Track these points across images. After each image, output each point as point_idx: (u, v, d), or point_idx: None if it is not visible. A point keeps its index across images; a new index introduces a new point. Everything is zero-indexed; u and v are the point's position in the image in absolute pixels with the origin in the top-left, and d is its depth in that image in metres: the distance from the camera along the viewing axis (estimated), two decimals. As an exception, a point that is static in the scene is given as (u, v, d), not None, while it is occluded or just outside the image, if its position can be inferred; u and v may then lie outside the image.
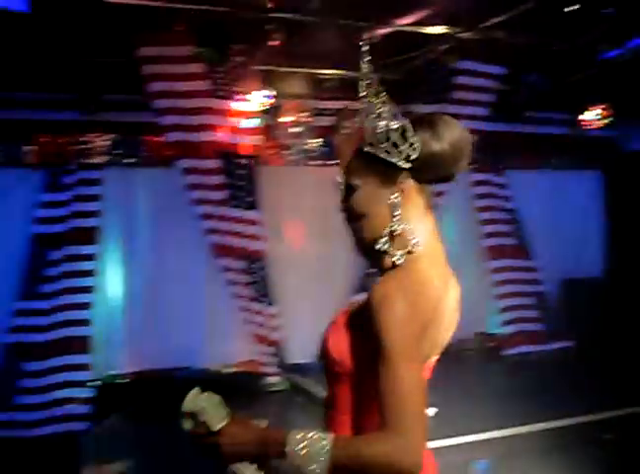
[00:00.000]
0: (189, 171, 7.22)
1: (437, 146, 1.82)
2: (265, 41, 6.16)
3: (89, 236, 7.28)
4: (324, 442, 1.67)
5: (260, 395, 7.46)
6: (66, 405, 6.79)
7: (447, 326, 1.94)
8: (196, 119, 7.08)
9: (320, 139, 8.07)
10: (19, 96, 6.97)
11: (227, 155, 7.31)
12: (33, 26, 5.76)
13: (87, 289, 7.23)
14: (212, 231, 7.38)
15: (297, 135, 7.58)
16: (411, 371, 1.66)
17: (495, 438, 5.70)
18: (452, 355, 8.90)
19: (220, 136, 7.23)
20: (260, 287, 7.48)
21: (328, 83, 7.55)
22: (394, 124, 1.84)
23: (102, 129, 7.38)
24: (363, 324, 1.77)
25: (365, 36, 5.84)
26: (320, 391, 7.05)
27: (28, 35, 6.08)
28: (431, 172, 1.86)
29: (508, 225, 9.03)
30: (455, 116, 1.97)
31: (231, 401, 6.26)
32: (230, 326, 7.69)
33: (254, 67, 7.02)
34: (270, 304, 7.52)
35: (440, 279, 1.87)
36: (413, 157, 1.82)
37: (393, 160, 1.82)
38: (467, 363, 8.60)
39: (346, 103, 7.62)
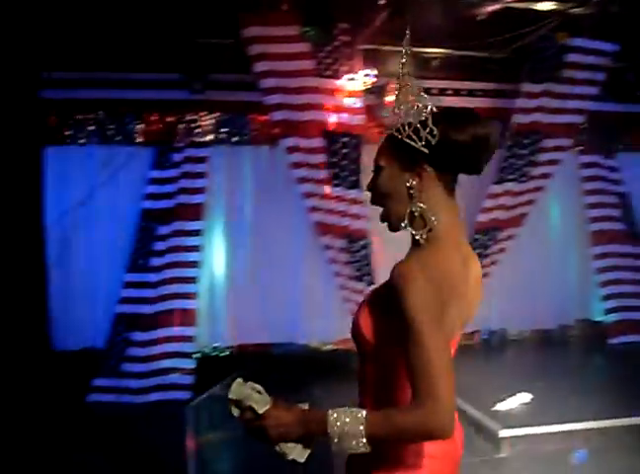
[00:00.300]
0: (293, 149, 7.29)
1: (456, 136, 1.90)
2: (370, 20, 6.13)
3: (195, 212, 7.48)
4: (360, 419, 1.78)
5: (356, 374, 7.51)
6: (170, 374, 7.03)
7: (470, 302, 2.02)
8: (300, 99, 7.14)
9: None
10: (130, 76, 7.24)
11: (331, 134, 7.34)
12: (142, 8, 5.93)
13: (193, 264, 7.44)
14: (315, 209, 7.44)
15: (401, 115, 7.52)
16: (437, 343, 1.76)
17: (594, 429, 5.56)
18: (554, 342, 8.77)
19: (325, 115, 7.26)
20: (360, 266, 7.50)
21: (434, 62, 7.47)
22: (420, 113, 1.93)
23: (209, 108, 7.55)
24: (388, 302, 1.87)
25: (474, 13, 5.74)
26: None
27: (137, 16, 6.26)
28: (450, 161, 1.94)
29: (617, 209, 8.73)
30: (564, 95, 1.95)
31: (328, 378, 6.37)
32: (330, 304, 7.76)
33: (359, 46, 7.01)
34: (370, 284, 7.53)
35: (459, 258, 1.96)
36: (432, 143, 1.90)
37: (413, 144, 1.92)
38: (569, 351, 8.41)
39: (449, 82, 7.53)
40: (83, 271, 7.40)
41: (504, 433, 5.44)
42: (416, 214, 1.96)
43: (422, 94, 1.95)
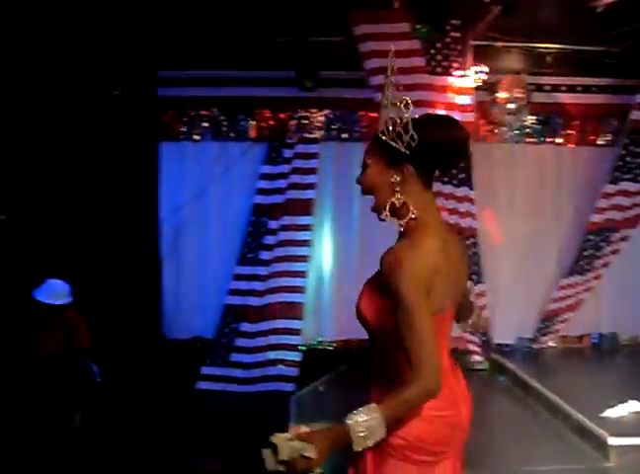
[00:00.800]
0: (402, 146, 7.26)
1: (433, 140, 2.20)
2: (481, 16, 6.05)
3: (305, 207, 7.58)
4: (374, 411, 2.05)
5: (463, 373, 7.43)
6: (276, 366, 7.16)
7: (456, 279, 2.33)
8: (410, 96, 7.01)
9: (536, 116, 7.82)
10: (242, 74, 7.42)
11: (441, 131, 7.27)
12: (254, 7, 6.06)
13: (302, 258, 7.55)
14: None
15: (513, 112, 7.38)
16: (422, 319, 2.08)
17: None
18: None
19: (435, 112, 7.19)
20: (469, 265, 7.40)
21: (548, 57, 7.29)
22: (402, 118, 2.22)
23: (319, 105, 7.64)
24: (381, 286, 2.20)
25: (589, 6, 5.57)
26: (524, 374, 6.94)
27: (249, 15, 6.41)
28: (428, 161, 2.25)
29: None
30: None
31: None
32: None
33: (470, 42, 6.92)
34: (478, 282, 7.45)
35: (439, 242, 2.23)
36: (412, 145, 2.19)
37: (396, 146, 2.22)
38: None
39: (564, 78, 7.33)
40: (194, 263, 7.66)
41: (613, 441, 5.27)
42: (397, 205, 2.27)
43: (404, 100, 2.27)
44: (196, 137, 7.62)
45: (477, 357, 7.52)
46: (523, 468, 4.98)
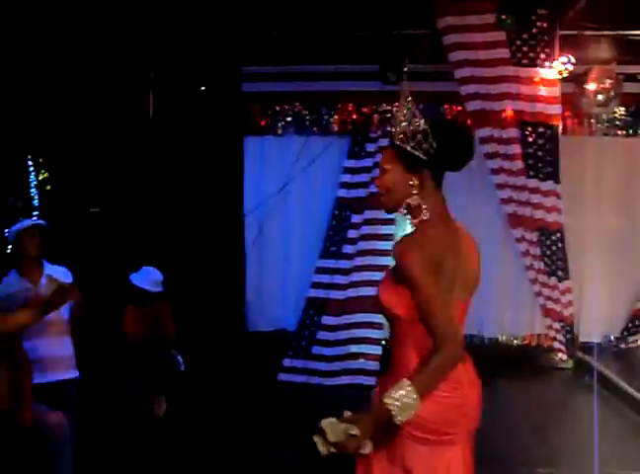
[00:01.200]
0: (487, 140, 7.18)
1: (450, 147, 2.42)
2: (569, 4, 5.89)
3: (388, 202, 7.55)
4: (407, 386, 2.20)
5: (546, 371, 7.30)
6: (358, 359, 7.17)
7: (468, 269, 2.50)
8: (496, 88, 7.01)
9: (627, 107, 7.57)
10: (325, 69, 7.46)
11: (526, 124, 7.14)
12: (337, 1, 6.08)
13: (384, 252, 7.51)
14: (508, 201, 7.29)
15: (602, 103, 7.16)
16: (437, 297, 2.28)
17: None
18: None
19: (520, 105, 7.07)
20: (554, 261, 7.26)
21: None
22: (421, 127, 2.42)
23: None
24: (397, 275, 2.38)
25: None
26: (610, 374, 6.75)
27: (332, 10, 6.44)
28: (443, 165, 2.48)
29: None
30: None
31: (515, 373, 6.21)
32: (521, 298, 7.59)
33: (557, 32, 6.76)
34: (563, 279, 7.29)
35: (448, 233, 2.46)
36: (431, 153, 2.41)
37: (416, 153, 2.42)
38: None
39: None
40: (277, 256, 7.75)
41: None
42: (412, 205, 2.49)
43: (419, 113, 2.46)
44: (279, 132, 7.72)
45: (561, 356, 7.36)
46: (612, 471, 4.84)
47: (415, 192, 2.47)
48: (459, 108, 7.53)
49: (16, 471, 4.07)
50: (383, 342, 7.37)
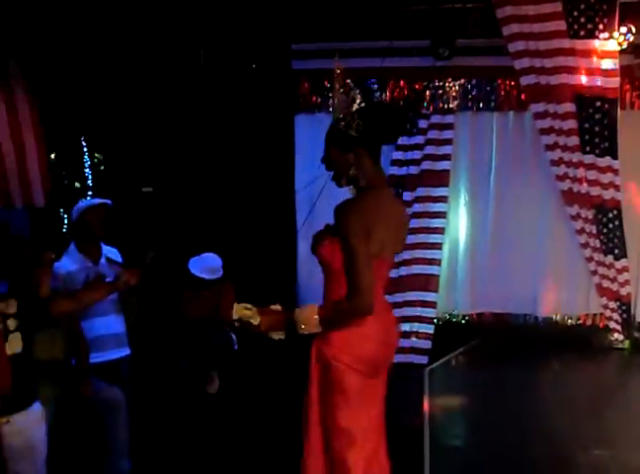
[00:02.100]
0: (542, 115, 7.03)
1: (376, 124, 2.90)
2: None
3: (440, 179, 7.48)
4: (314, 309, 2.87)
5: (601, 351, 7.17)
6: (410, 338, 7.15)
7: (396, 233, 3.04)
8: (551, 62, 6.83)
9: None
10: (375, 44, 7.33)
11: (583, 98, 6.95)
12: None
13: (437, 230, 7.47)
14: (563, 177, 7.14)
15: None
16: (362, 256, 2.81)
17: None
18: None
19: (576, 79, 6.89)
20: (610, 238, 7.09)
21: None
22: (350, 109, 2.97)
23: (455, 74, 7.48)
24: (333, 231, 2.91)
25: None
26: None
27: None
28: (374, 141, 2.95)
29: None
30: None
31: (569, 353, 6.09)
32: (574, 276, 7.44)
33: (617, 1, 6.55)
34: (620, 257, 7.12)
35: (381, 202, 2.97)
36: (360, 130, 2.88)
37: (348, 131, 2.90)
38: None
39: None
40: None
41: None
42: (352, 176, 2.98)
43: (352, 94, 3.15)
44: (330, 109, 7.65)
45: (618, 336, 7.22)
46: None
47: (352, 165, 2.98)
48: (513, 82, 7.38)
49: (75, 443, 4.18)
50: (436, 320, 7.34)
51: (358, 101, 2.99)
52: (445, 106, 7.56)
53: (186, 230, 7.00)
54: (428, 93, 7.55)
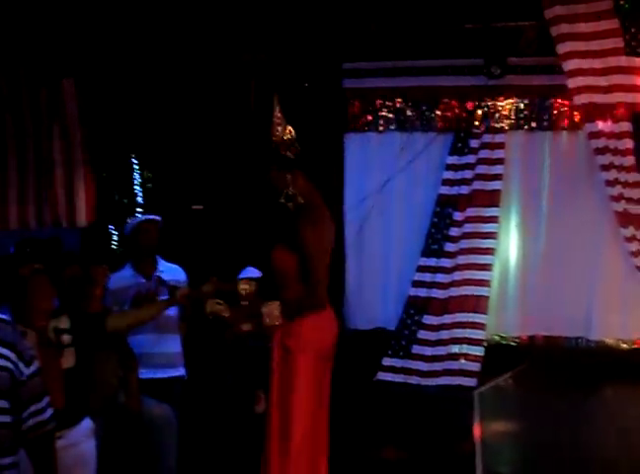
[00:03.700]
0: (596, 134, 6.89)
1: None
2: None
3: (491, 199, 7.39)
4: (277, 310, 3.52)
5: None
6: (458, 360, 7.03)
7: (328, 240, 3.71)
8: (606, 80, 6.71)
9: None
10: (427, 63, 7.32)
11: (639, 117, 6.83)
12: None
13: (487, 251, 7.37)
14: (618, 198, 6.96)
15: None
16: (321, 263, 3.54)
17: None
18: None
19: (633, 97, 6.75)
20: (666, 261, 6.91)
21: None
22: (288, 134, 3.64)
23: (507, 93, 7.39)
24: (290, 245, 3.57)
25: None
26: None
27: (432, 3, 6.33)
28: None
29: None
30: None
31: (622, 378, 5.91)
32: (629, 299, 7.23)
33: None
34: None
35: (318, 213, 3.63)
36: (298, 154, 3.62)
37: (289, 156, 3.58)
38: None
39: None
40: (377, 254, 7.67)
41: None
42: (290, 194, 3.56)
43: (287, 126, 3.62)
44: (380, 128, 7.63)
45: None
46: None
47: (289, 184, 3.55)
48: (566, 101, 7.26)
49: (124, 459, 4.17)
50: (485, 342, 7.21)
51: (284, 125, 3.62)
52: (497, 125, 7.46)
53: (234, 248, 7.00)
54: (479, 112, 7.46)
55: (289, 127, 3.55)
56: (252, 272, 6.06)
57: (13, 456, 2.40)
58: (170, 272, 4.80)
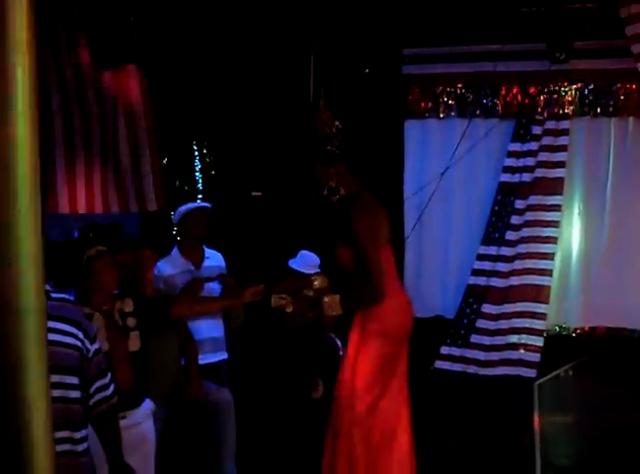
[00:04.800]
0: (663, 120, 6.71)
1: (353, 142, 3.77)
2: None
3: (554, 186, 7.24)
4: (337, 300, 3.67)
5: None
6: (518, 350, 6.95)
7: (388, 224, 3.83)
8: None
9: None
10: (489, 48, 7.18)
11: None
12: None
13: (549, 239, 7.24)
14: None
15: None
16: (374, 254, 3.58)
17: None
18: None
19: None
20: None
21: None
22: (334, 128, 3.66)
23: (571, 78, 7.20)
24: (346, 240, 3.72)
25: None
26: None
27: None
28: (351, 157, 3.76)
29: None
30: None
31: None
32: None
33: None
34: None
35: (372, 204, 3.77)
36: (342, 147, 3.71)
37: (333, 149, 3.69)
38: None
39: None
40: (437, 241, 7.60)
41: None
42: (333, 187, 3.69)
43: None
44: (441, 115, 7.54)
45: None
46: None
47: (332, 177, 3.71)
48: (634, 86, 7.04)
49: (185, 443, 4.24)
50: (545, 333, 7.10)
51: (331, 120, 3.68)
52: (561, 111, 7.28)
53: (292, 235, 7.03)
54: (542, 98, 7.28)
55: (336, 122, 3.69)
56: (309, 256, 6.09)
57: (85, 430, 2.48)
58: (214, 258, 4.87)
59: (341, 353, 6.05)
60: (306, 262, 6.04)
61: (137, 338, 3.44)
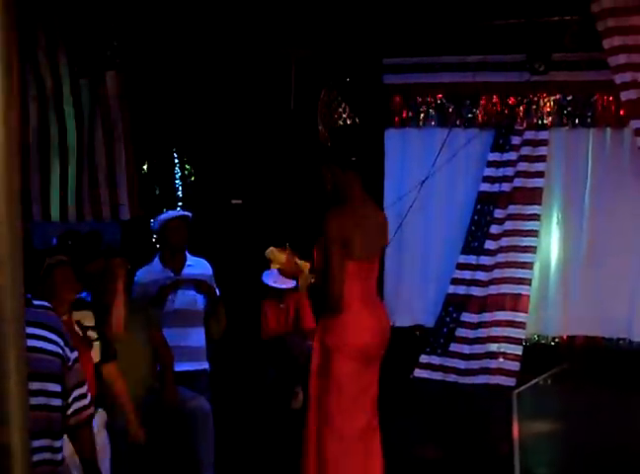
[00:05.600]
0: (642, 132, 6.76)
1: (337, 147, 3.69)
2: None
3: (533, 196, 7.29)
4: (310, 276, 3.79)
5: None
6: (497, 359, 6.97)
7: (374, 240, 3.73)
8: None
9: None
10: (468, 59, 7.23)
11: (687, 115, 6.67)
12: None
13: (528, 249, 7.28)
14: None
15: None
16: (338, 262, 3.50)
17: None
18: None
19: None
20: None
21: None
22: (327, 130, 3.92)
23: (550, 89, 7.27)
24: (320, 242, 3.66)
25: None
26: None
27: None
28: (339, 161, 3.73)
29: None
30: None
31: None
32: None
33: None
34: None
35: (360, 211, 3.66)
36: (332, 151, 3.81)
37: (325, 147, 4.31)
38: None
39: None
40: (417, 251, 7.62)
41: None
42: (329, 190, 3.69)
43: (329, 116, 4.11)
44: (421, 124, 7.57)
45: None
46: None
47: (330, 179, 3.68)
48: (611, 97, 7.11)
49: (161, 450, 4.21)
50: (525, 342, 7.14)
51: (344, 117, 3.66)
52: (540, 122, 7.34)
53: (272, 243, 7.02)
54: (521, 108, 7.34)
55: (344, 118, 3.98)
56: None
57: (62, 439, 2.46)
58: (198, 265, 4.85)
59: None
60: (279, 274, 6.01)
61: (98, 350, 3.46)
